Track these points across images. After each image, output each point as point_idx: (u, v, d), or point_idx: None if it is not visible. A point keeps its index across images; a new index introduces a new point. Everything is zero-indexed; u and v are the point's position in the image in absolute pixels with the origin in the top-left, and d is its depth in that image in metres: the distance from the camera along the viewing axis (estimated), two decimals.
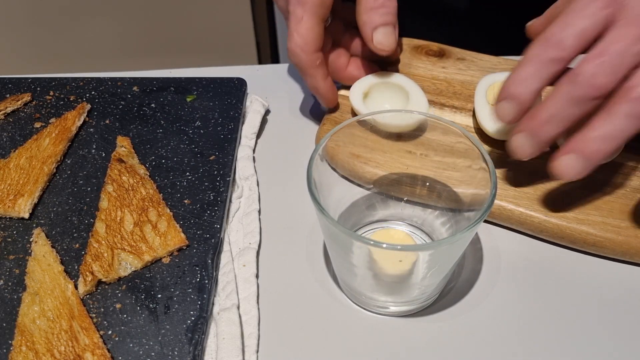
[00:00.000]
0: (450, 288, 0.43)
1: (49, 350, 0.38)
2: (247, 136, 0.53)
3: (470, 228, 0.35)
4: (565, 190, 0.46)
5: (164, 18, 1.22)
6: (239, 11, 1.22)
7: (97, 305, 0.41)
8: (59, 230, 0.45)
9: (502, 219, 0.45)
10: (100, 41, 1.24)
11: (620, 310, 0.41)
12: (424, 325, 0.41)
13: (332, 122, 0.52)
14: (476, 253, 0.45)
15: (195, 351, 0.38)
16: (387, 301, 0.41)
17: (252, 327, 0.40)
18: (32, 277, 0.42)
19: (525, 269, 0.44)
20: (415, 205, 0.45)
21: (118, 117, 0.54)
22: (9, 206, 0.46)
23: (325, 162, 0.41)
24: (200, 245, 0.44)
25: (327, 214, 0.36)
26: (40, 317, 0.39)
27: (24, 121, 0.54)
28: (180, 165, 0.50)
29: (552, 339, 0.40)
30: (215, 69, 0.61)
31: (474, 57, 0.56)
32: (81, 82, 0.57)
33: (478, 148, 0.39)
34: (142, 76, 0.58)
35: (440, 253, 0.36)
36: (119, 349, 0.38)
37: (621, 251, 0.43)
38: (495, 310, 0.42)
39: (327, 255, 0.45)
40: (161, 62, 0.74)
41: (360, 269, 0.39)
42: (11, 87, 0.57)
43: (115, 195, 0.46)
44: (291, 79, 0.60)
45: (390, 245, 0.35)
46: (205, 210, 0.46)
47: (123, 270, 0.42)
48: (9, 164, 0.49)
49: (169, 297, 0.41)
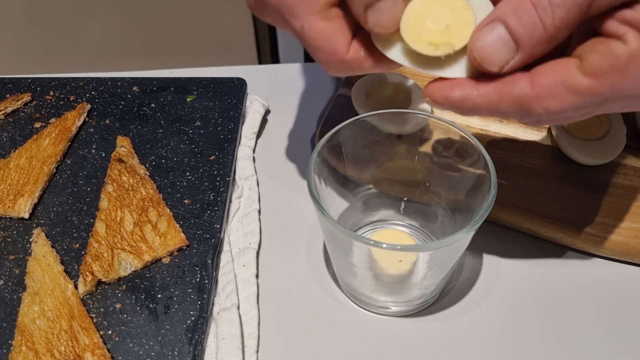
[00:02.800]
0: (450, 288, 0.43)
1: (49, 350, 0.38)
2: (247, 136, 0.53)
3: (470, 228, 0.35)
4: (565, 190, 0.46)
5: (164, 18, 1.22)
6: (239, 11, 1.21)
7: (97, 305, 0.41)
8: (59, 230, 0.45)
9: (502, 219, 0.45)
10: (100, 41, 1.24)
11: (620, 311, 0.41)
12: (424, 326, 0.41)
13: (332, 122, 0.52)
14: (476, 253, 0.45)
15: (195, 351, 0.38)
16: (387, 301, 0.41)
17: (252, 327, 0.40)
18: (32, 277, 0.42)
19: (525, 269, 0.44)
20: (415, 205, 0.45)
21: (118, 117, 0.54)
22: (9, 206, 0.46)
23: (325, 162, 0.41)
24: (200, 245, 0.44)
25: (327, 214, 0.36)
26: (40, 317, 0.39)
27: (24, 121, 0.54)
28: (180, 165, 0.50)
29: (552, 339, 0.40)
30: (215, 69, 0.61)
31: None
32: (81, 82, 0.57)
33: (478, 148, 0.39)
34: (142, 76, 0.58)
35: (440, 253, 0.36)
36: (119, 349, 0.38)
37: (621, 251, 0.43)
38: (495, 310, 0.42)
39: (327, 255, 0.45)
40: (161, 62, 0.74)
41: (360, 269, 0.39)
42: (11, 87, 0.57)
43: (115, 195, 0.46)
44: (291, 79, 0.60)
45: (390, 245, 0.35)
46: (205, 210, 0.46)
47: (123, 270, 0.42)
48: (9, 164, 0.49)
49: (169, 297, 0.41)
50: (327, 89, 0.58)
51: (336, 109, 0.53)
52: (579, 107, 0.31)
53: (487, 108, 0.32)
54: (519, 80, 0.31)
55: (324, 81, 0.59)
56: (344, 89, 0.54)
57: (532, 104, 0.31)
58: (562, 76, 0.30)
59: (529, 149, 0.48)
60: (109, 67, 0.64)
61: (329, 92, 0.58)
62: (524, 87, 0.31)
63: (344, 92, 0.54)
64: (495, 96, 0.32)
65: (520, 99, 0.31)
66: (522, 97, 0.31)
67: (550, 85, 0.31)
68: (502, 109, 0.32)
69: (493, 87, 0.32)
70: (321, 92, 0.58)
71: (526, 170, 0.47)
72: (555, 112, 0.31)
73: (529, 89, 0.31)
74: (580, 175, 0.47)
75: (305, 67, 0.61)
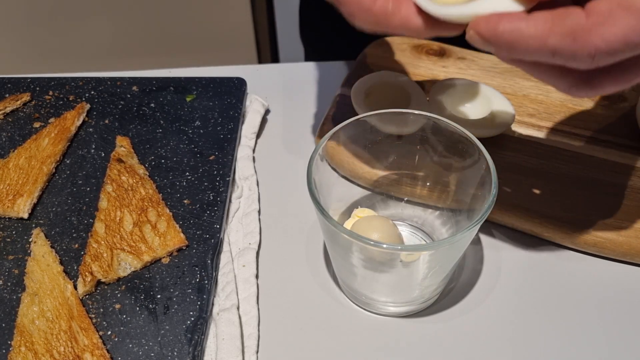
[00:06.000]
0: (450, 288, 0.43)
1: (48, 350, 0.38)
2: (247, 136, 0.53)
3: (470, 228, 0.35)
4: (566, 190, 0.45)
5: (163, 17, 1.22)
6: (239, 11, 1.21)
7: (96, 306, 0.41)
8: (58, 230, 0.45)
9: (503, 219, 0.45)
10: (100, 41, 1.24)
11: (620, 311, 0.41)
12: (424, 326, 0.41)
13: (332, 122, 0.52)
14: (476, 253, 0.45)
15: (195, 352, 0.38)
16: (387, 301, 0.41)
17: (251, 328, 0.40)
18: (31, 277, 0.42)
19: (526, 269, 0.44)
20: (416, 205, 0.45)
21: (117, 117, 0.54)
22: (8, 206, 0.46)
23: (325, 162, 0.41)
24: (200, 245, 0.44)
25: (327, 214, 0.35)
26: (39, 317, 0.39)
27: (23, 121, 0.54)
28: (179, 165, 0.49)
29: (552, 339, 0.40)
30: (215, 69, 0.61)
31: (474, 56, 0.56)
32: (80, 82, 0.57)
33: (479, 148, 0.38)
34: (141, 76, 0.58)
35: (440, 253, 0.36)
36: (118, 350, 0.38)
37: (622, 252, 0.43)
38: (496, 310, 0.41)
39: (327, 255, 0.45)
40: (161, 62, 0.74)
41: (360, 269, 0.39)
42: (10, 87, 0.57)
43: (115, 195, 0.46)
44: (291, 79, 0.60)
45: (391, 246, 0.35)
46: (204, 210, 0.46)
47: (122, 271, 0.42)
48: (8, 164, 0.49)
49: (168, 298, 0.41)
50: (327, 89, 0.58)
51: (336, 109, 0.53)
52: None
53: (535, 42, 0.28)
54: (573, 11, 0.28)
55: (324, 81, 0.59)
56: (344, 88, 0.54)
57: (587, 34, 0.27)
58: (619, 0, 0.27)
59: (530, 148, 0.48)
60: (108, 67, 0.64)
61: (328, 92, 0.57)
62: (578, 16, 0.28)
63: (344, 92, 0.54)
64: (546, 26, 0.28)
65: (574, 28, 0.28)
66: (577, 26, 0.27)
67: (606, 11, 0.27)
68: (551, 43, 0.28)
69: (544, 17, 0.28)
70: (321, 92, 0.58)
71: (527, 170, 0.47)
72: (617, 42, 0.27)
73: (584, 18, 0.27)
74: (580, 175, 0.47)
75: (305, 67, 0.61)
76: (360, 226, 0.40)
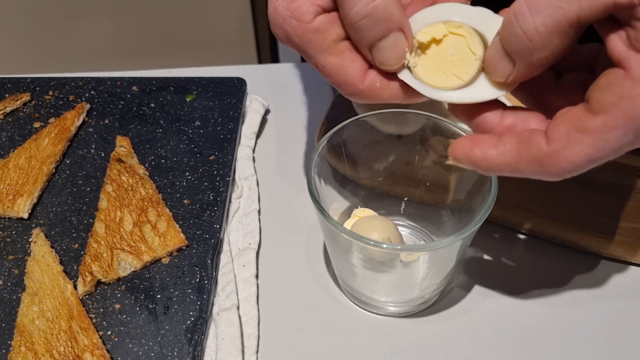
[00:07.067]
0: (450, 289, 0.43)
1: (48, 350, 0.38)
2: (247, 136, 0.53)
3: (470, 228, 0.35)
4: (566, 190, 0.45)
5: (163, 18, 1.22)
6: (239, 11, 1.21)
7: (96, 306, 0.41)
8: (58, 230, 0.45)
9: (502, 219, 0.45)
10: (100, 41, 1.24)
11: (620, 311, 0.41)
12: (424, 326, 0.41)
13: (332, 122, 0.52)
14: (476, 253, 0.45)
15: (195, 352, 0.38)
16: (387, 301, 0.41)
17: (251, 328, 0.40)
18: (31, 277, 0.42)
19: (526, 269, 0.44)
20: (416, 205, 0.45)
21: (117, 117, 0.54)
22: (8, 206, 0.46)
23: (325, 162, 0.41)
24: (200, 245, 0.44)
25: (327, 214, 0.35)
26: (39, 317, 0.39)
27: (23, 121, 0.54)
28: (179, 165, 0.49)
29: (552, 340, 0.40)
30: (215, 69, 0.61)
31: None
32: (80, 82, 0.57)
33: None
34: (141, 76, 0.58)
35: (440, 253, 0.36)
36: (118, 350, 0.38)
37: (622, 251, 0.43)
38: (496, 311, 0.41)
39: (327, 255, 0.45)
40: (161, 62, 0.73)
41: (360, 269, 0.39)
42: (10, 87, 0.57)
43: (115, 196, 0.46)
44: (291, 79, 0.60)
45: (391, 246, 0.35)
46: (204, 210, 0.46)
47: (122, 271, 0.42)
48: (8, 164, 0.49)
49: (168, 298, 0.41)
50: (327, 89, 0.58)
51: (336, 109, 0.53)
52: (603, 149, 0.28)
53: (506, 168, 0.31)
54: (535, 137, 0.30)
55: (324, 81, 0.59)
56: None
57: (552, 159, 0.29)
58: (574, 122, 0.29)
59: None
60: (108, 67, 0.64)
61: (329, 92, 0.57)
62: (541, 142, 0.30)
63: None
64: (513, 155, 0.31)
65: (540, 155, 0.30)
66: (541, 153, 0.29)
67: (565, 136, 0.29)
68: (520, 168, 0.31)
69: (510, 143, 0.31)
70: (321, 92, 0.58)
71: None
72: (581, 162, 0.29)
73: (544, 145, 0.29)
74: (580, 175, 0.46)
75: (305, 67, 0.61)
76: (360, 226, 0.40)
